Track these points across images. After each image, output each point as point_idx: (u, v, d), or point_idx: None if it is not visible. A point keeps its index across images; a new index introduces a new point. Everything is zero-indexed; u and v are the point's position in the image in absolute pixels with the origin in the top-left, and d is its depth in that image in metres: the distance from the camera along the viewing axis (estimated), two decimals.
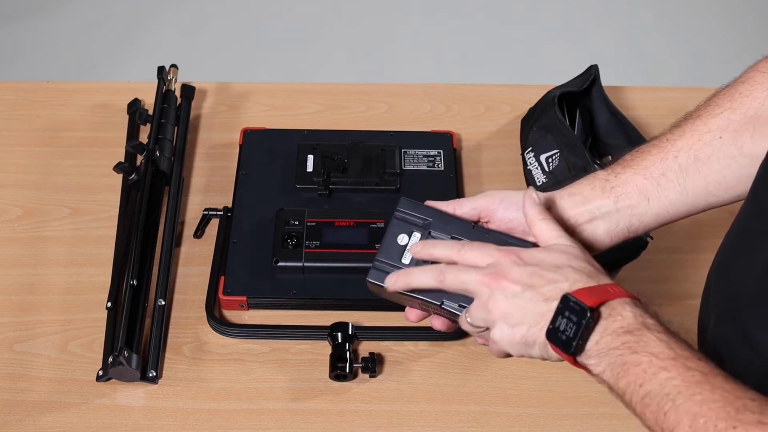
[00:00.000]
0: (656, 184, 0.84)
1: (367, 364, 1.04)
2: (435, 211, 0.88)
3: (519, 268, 0.76)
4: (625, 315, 0.71)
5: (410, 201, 0.89)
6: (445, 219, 0.87)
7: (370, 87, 1.46)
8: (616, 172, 0.86)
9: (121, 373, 1.02)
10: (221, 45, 2.79)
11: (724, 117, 0.83)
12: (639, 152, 0.86)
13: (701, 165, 0.83)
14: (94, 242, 1.20)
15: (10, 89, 1.42)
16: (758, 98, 0.82)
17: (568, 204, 0.85)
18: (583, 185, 0.86)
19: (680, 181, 0.84)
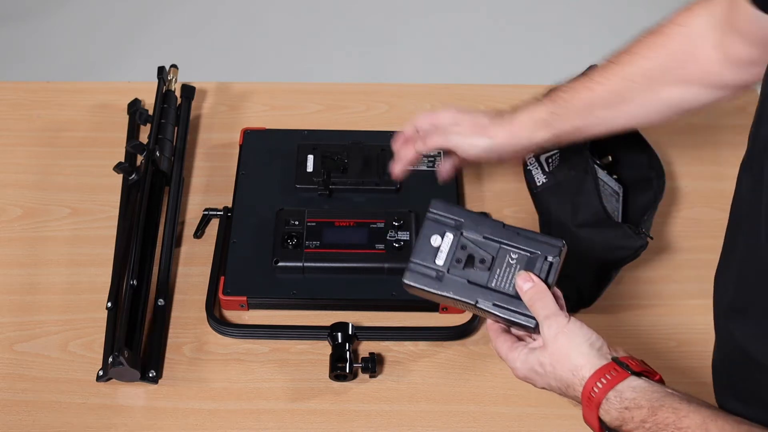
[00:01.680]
0: (585, 122, 1.02)
1: (367, 364, 1.04)
2: (466, 211, 0.90)
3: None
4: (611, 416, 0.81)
5: (442, 202, 0.91)
6: (476, 219, 0.89)
7: (370, 87, 1.46)
8: (555, 113, 1.02)
9: (121, 373, 1.02)
10: (221, 45, 2.79)
11: (640, 65, 0.98)
12: (573, 91, 1.02)
13: (620, 103, 1.00)
14: (94, 242, 1.20)
15: (10, 89, 1.42)
16: (671, 47, 0.97)
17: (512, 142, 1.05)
18: (521, 124, 1.03)
19: (603, 116, 1.02)
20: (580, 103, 1.01)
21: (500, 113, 1.06)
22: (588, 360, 0.81)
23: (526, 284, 0.85)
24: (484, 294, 0.86)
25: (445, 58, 2.75)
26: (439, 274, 0.88)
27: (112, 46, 2.78)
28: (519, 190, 1.26)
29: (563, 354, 0.82)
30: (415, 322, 1.11)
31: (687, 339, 1.11)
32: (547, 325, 0.83)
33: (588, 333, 0.83)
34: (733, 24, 0.93)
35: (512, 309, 0.86)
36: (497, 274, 0.87)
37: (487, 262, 0.88)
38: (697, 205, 1.27)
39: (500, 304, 0.86)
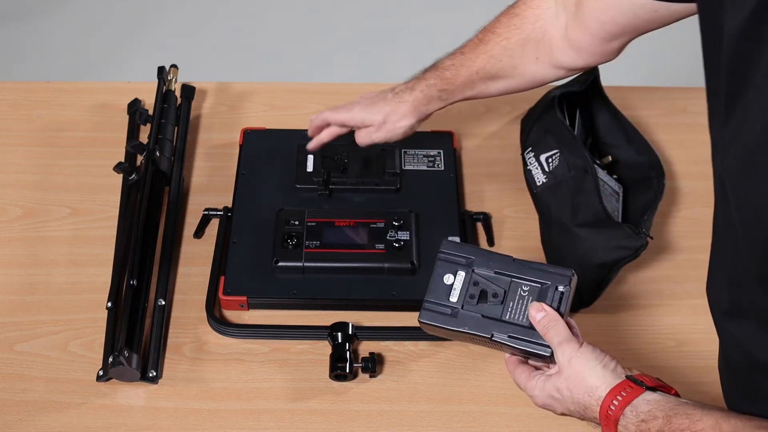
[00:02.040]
0: (469, 92, 1.14)
1: (367, 364, 1.04)
2: (476, 249, 0.94)
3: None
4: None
5: (452, 242, 0.94)
6: (486, 256, 0.92)
7: (370, 87, 1.45)
8: (443, 90, 1.15)
9: (121, 373, 1.02)
10: (221, 45, 2.79)
11: (502, 45, 1.09)
12: (455, 69, 1.13)
13: (492, 78, 1.12)
14: (94, 242, 1.20)
15: (10, 89, 1.42)
16: (525, 30, 1.08)
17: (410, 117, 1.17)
18: (421, 101, 1.16)
19: (482, 88, 1.14)
20: (462, 80, 1.13)
21: (396, 93, 1.17)
22: (603, 380, 0.82)
23: (538, 314, 0.87)
24: (498, 327, 0.89)
25: None
26: (454, 311, 0.90)
27: (112, 46, 2.78)
28: (519, 190, 1.26)
29: (578, 377, 0.83)
30: (415, 322, 1.10)
31: (687, 339, 1.11)
32: (561, 350, 0.85)
33: (601, 355, 0.85)
34: (579, 10, 1.02)
35: (527, 339, 0.88)
36: (510, 307, 0.89)
37: (499, 296, 0.90)
38: (697, 205, 1.27)
39: (515, 335, 0.88)
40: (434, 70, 1.16)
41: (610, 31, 1.01)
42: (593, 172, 1.14)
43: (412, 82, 1.17)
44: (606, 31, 1.01)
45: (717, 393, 1.05)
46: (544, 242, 1.19)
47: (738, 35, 0.69)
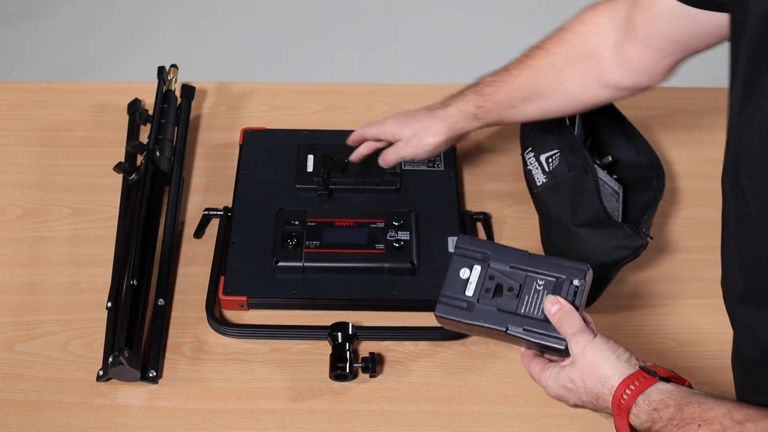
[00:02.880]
0: (507, 112, 1.11)
1: (367, 364, 1.04)
2: (492, 244, 0.95)
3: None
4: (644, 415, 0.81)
5: (467, 237, 0.96)
6: (502, 250, 0.93)
7: (370, 87, 1.46)
8: (481, 107, 1.11)
9: (121, 373, 1.02)
10: (221, 45, 2.79)
11: (549, 60, 1.07)
12: (495, 85, 1.10)
13: (533, 96, 1.09)
14: (94, 242, 1.20)
15: (10, 89, 1.42)
16: (575, 45, 1.05)
17: (446, 133, 1.14)
18: (455, 118, 1.13)
19: (521, 108, 1.10)
20: (501, 97, 1.09)
21: (430, 110, 1.15)
22: (616, 370, 0.83)
23: (553, 307, 0.88)
24: (514, 320, 0.90)
25: (445, 58, 2.75)
26: (470, 305, 0.91)
27: (112, 46, 2.78)
28: (519, 190, 1.26)
29: (592, 366, 0.84)
30: (415, 322, 1.11)
31: (687, 339, 1.11)
32: (575, 341, 0.86)
33: (614, 346, 0.85)
34: (630, 25, 0.99)
35: (542, 332, 0.89)
36: (526, 301, 0.90)
37: (515, 290, 0.91)
38: (697, 205, 1.27)
39: (530, 328, 0.89)
40: (474, 87, 1.13)
41: (657, 46, 0.98)
42: (593, 172, 1.14)
43: (449, 99, 1.14)
44: (653, 46, 0.98)
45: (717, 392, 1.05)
46: (544, 242, 1.19)
47: (762, 24, 0.70)
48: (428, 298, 1.10)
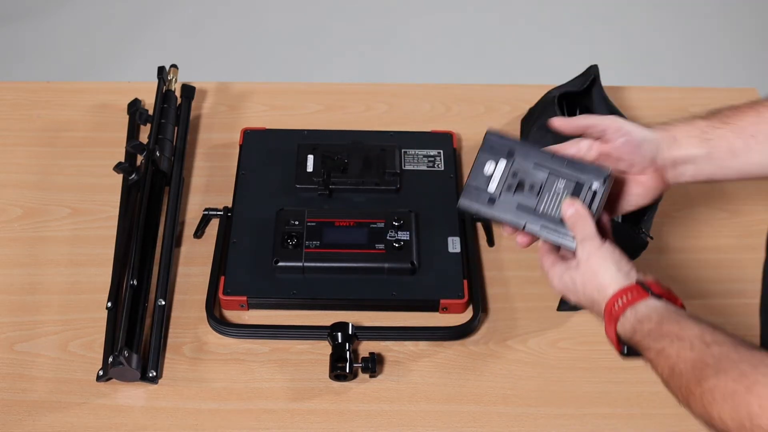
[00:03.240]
0: (744, 144, 0.92)
1: (367, 364, 1.04)
2: (518, 141, 0.96)
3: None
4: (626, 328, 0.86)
5: (496, 133, 0.96)
6: (527, 149, 0.95)
7: (370, 87, 1.46)
8: (714, 125, 0.94)
9: (121, 373, 1.02)
10: (221, 45, 2.79)
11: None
12: (736, 111, 0.94)
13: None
14: (94, 242, 1.20)
15: (10, 89, 1.42)
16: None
17: (669, 145, 0.94)
18: (683, 132, 0.94)
19: (766, 145, 0.92)
20: (742, 123, 0.93)
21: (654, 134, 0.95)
22: (614, 280, 0.87)
23: (569, 209, 0.91)
24: (532, 218, 0.93)
25: (445, 58, 2.75)
26: (492, 199, 0.94)
27: (112, 46, 2.78)
28: None
29: (593, 274, 0.88)
30: (415, 322, 1.11)
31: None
32: (582, 247, 0.89)
33: (619, 257, 0.88)
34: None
35: (557, 231, 0.92)
36: (545, 200, 0.93)
37: (536, 189, 0.93)
38: (697, 205, 1.27)
39: (547, 226, 0.92)
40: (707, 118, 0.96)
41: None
42: None
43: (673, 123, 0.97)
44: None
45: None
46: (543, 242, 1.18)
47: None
48: (428, 298, 1.11)
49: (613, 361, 1.07)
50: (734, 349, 0.76)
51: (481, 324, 1.11)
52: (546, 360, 1.08)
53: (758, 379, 0.71)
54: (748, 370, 0.72)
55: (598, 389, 1.06)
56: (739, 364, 0.74)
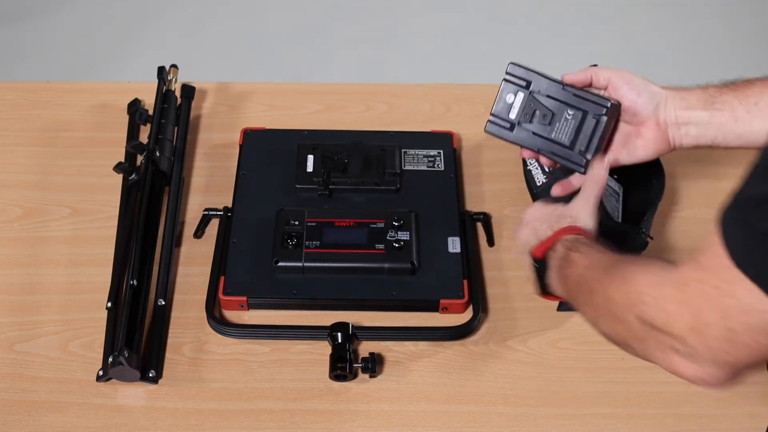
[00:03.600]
0: (746, 111, 0.97)
1: (367, 364, 1.04)
2: (535, 74, 1.06)
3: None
4: (557, 250, 0.95)
5: (517, 65, 1.07)
6: (542, 81, 1.05)
7: (370, 87, 1.46)
8: (722, 91, 0.99)
9: (121, 373, 1.02)
10: (221, 45, 2.79)
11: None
12: (747, 81, 0.99)
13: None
14: (94, 242, 1.20)
15: (10, 89, 1.42)
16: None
17: (675, 103, 1.00)
18: (692, 94, 1.00)
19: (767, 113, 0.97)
20: (748, 91, 0.97)
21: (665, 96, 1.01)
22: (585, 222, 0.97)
23: (594, 167, 1.02)
24: (545, 144, 1.05)
25: (445, 58, 2.76)
26: (512, 126, 1.07)
27: (112, 46, 2.78)
28: (519, 190, 1.26)
29: (559, 216, 0.98)
30: (415, 322, 1.11)
31: None
32: (575, 202, 1.00)
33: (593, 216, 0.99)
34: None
35: (565, 157, 1.04)
36: (556, 128, 1.04)
37: (548, 117, 1.04)
38: (697, 205, 1.27)
39: (556, 153, 1.05)
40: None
41: None
42: None
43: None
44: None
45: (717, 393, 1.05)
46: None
47: None
48: (428, 298, 1.11)
49: (613, 361, 1.08)
50: (623, 257, 0.86)
51: (481, 324, 1.11)
52: (546, 360, 1.08)
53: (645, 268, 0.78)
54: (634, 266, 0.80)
55: (598, 389, 1.06)
56: (628, 264, 0.82)
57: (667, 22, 2.90)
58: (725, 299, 0.67)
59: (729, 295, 0.66)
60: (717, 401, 1.04)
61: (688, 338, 0.71)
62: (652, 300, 0.74)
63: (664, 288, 0.73)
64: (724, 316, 0.67)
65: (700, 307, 0.69)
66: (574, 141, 1.03)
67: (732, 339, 0.68)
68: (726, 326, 0.68)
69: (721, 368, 0.71)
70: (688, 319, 0.70)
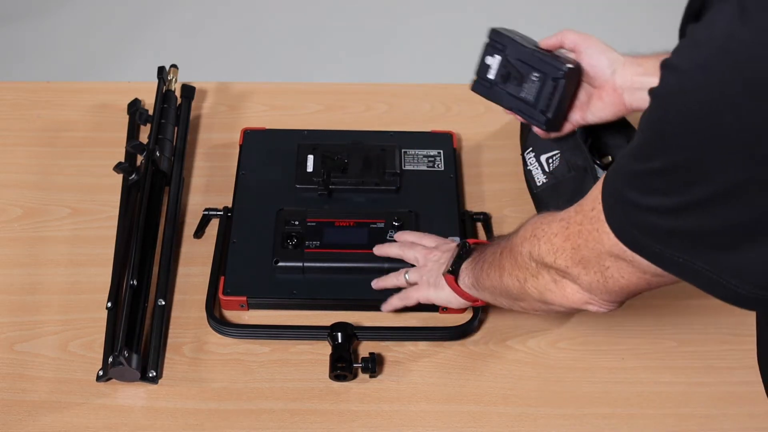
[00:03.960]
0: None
1: (367, 364, 1.04)
2: (511, 40, 1.13)
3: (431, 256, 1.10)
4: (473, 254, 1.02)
5: (498, 31, 1.15)
6: (515, 46, 1.13)
7: (370, 87, 1.46)
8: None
9: (121, 373, 1.02)
10: (221, 45, 2.79)
11: None
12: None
13: None
14: (94, 242, 1.20)
15: (10, 89, 1.42)
16: None
17: (631, 69, 1.08)
18: (648, 60, 1.07)
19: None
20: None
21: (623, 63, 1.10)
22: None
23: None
24: (515, 102, 1.14)
25: (445, 58, 2.75)
26: (491, 85, 1.15)
27: (112, 46, 2.78)
28: (519, 190, 1.26)
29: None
30: (415, 322, 1.11)
31: (687, 339, 1.11)
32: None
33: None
34: None
35: (529, 115, 1.13)
36: (524, 88, 1.12)
37: (517, 79, 1.13)
38: None
39: (523, 110, 1.13)
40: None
41: None
42: (593, 172, 1.14)
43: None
44: None
45: (717, 393, 1.05)
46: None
47: None
48: None
49: (613, 361, 1.08)
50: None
51: (481, 324, 1.11)
52: (546, 360, 1.08)
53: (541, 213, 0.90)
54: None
55: (598, 389, 1.06)
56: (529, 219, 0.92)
57: (667, 22, 2.90)
58: (596, 243, 0.77)
59: (598, 240, 0.76)
60: (717, 401, 1.05)
61: (571, 269, 0.82)
62: (542, 233, 0.85)
63: (552, 224, 0.84)
64: (597, 255, 0.78)
65: (579, 244, 0.79)
66: (537, 100, 1.11)
67: (605, 274, 0.79)
68: (599, 263, 0.78)
69: (604, 295, 0.82)
70: (570, 253, 0.81)
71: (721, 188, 0.63)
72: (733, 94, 0.59)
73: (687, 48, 0.63)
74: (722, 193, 0.63)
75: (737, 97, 0.59)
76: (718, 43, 0.59)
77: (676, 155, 0.64)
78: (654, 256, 0.71)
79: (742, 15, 0.57)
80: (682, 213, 0.66)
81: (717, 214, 0.64)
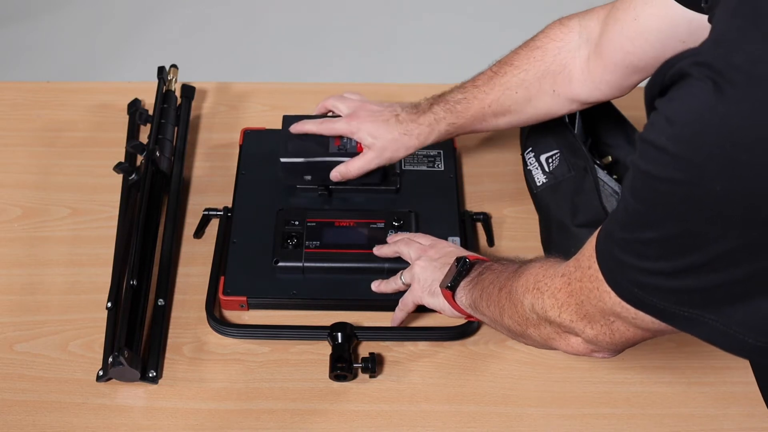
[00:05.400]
0: (478, 126, 1.15)
1: (367, 364, 1.04)
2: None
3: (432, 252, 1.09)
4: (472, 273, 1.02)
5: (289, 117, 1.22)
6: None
7: (370, 87, 1.45)
8: (453, 124, 1.14)
9: (121, 373, 1.02)
10: (221, 45, 2.79)
11: (520, 77, 1.09)
12: (467, 103, 1.13)
13: (504, 112, 1.12)
14: (94, 242, 1.20)
15: (10, 89, 1.42)
16: (546, 62, 1.08)
17: (422, 141, 1.16)
18: (427, 136, 1.15)
19: (491, 121, 1.14)
20: (473, 113, 1.13)
21: (401, 122, 1.15)
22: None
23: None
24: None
25: (445, 58, 2.76)
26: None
27: (112, 46, 2.78)
28: (519, 190, 1.26)
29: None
30: (415, 322, 1.11)
31: (687, 339, 1.10)
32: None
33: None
34: (600, 49, 1.02)
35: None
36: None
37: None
38: None
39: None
40: (443, 104, 1.15)
41: (633, 62, 1.00)
42: (593, 173, 1.14)
43: (418, 114, 1.16)
44: (622, 68, 1.01)
45: (717, 393, 1.05)
46: (544, 242, 1.19)
47: None
48: None
49: (613, 361, 1.08)
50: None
51: (481, 324, 1.11)
52: (546, 360, 1.08)
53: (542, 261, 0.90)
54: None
55: (598, 389, 1.06)
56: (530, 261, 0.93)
57: None
58: (598, 301, 0.77)
59: (600, 299, 0.77)
60: (717, 401, 1.05)
61: (576, 324, 0.82)
62: (545, 287, 0.85)
63: (554, 279, 0.84)
64: (601, 312, 0.78)
65: (582, 300, 0.80)
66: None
67: (611, 327, 0.80)
68: (605, 318, 0.79)
69: (609, 346, 0.83)
70: (575, 308, 0.81)
71: (721, 251, 0.64)
72: (720, 166, 0.60)
73: (666, 124, 0.63)
74: (722, 255, 0.64)
75: (725, 168, 0.60)
76: (699, 119, 0.60)
77: (669, 228, 0.66)
78: (660, 313, 0.72)
79: (716, 90, 0.59)
80: (681, 275, 0.67)
81: (721, 273, 0.65)
